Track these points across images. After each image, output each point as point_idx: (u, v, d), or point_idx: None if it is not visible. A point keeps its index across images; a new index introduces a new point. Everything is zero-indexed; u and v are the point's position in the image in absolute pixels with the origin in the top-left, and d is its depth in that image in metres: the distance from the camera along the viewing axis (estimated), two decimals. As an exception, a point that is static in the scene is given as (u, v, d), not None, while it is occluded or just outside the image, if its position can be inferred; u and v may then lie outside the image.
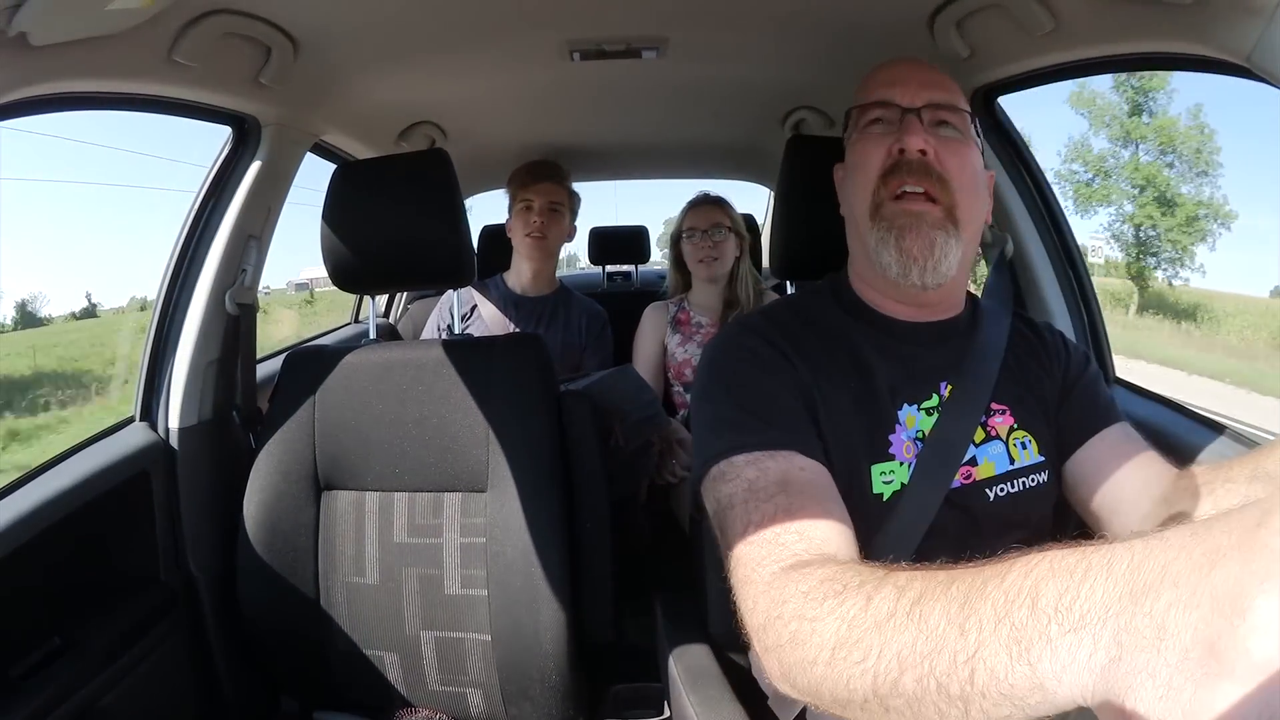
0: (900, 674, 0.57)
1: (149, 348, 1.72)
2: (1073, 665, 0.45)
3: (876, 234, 1.08)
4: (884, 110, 1.11)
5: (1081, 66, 1.45)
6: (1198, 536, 0.41)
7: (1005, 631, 0.49)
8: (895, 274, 1.07)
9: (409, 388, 1.61)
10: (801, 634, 0.68)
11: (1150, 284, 22.37)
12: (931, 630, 0.55)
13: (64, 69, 1.14)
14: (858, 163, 1.12)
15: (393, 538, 1.58)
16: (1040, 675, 0.46)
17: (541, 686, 1.51)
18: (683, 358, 2.55)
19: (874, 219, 1.08)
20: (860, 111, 1.14)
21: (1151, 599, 0.41)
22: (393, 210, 1.60)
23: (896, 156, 1.07)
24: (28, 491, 1.37)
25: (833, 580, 0.70)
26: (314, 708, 1.67)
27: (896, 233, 1.06)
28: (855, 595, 0.65)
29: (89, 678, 1.36)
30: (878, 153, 1.08)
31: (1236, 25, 1.02)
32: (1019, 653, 0.48)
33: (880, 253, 1.08)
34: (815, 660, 0.66)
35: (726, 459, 0.98)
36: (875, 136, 1.10)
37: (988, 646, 0.50)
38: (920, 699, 0.55)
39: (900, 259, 1.06)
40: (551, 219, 2.50)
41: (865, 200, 1.10)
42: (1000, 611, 0.50)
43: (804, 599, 0.71)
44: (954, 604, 0.54)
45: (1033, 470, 1.12)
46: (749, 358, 1.08)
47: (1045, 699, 0.47)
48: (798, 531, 0.85)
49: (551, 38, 1.73)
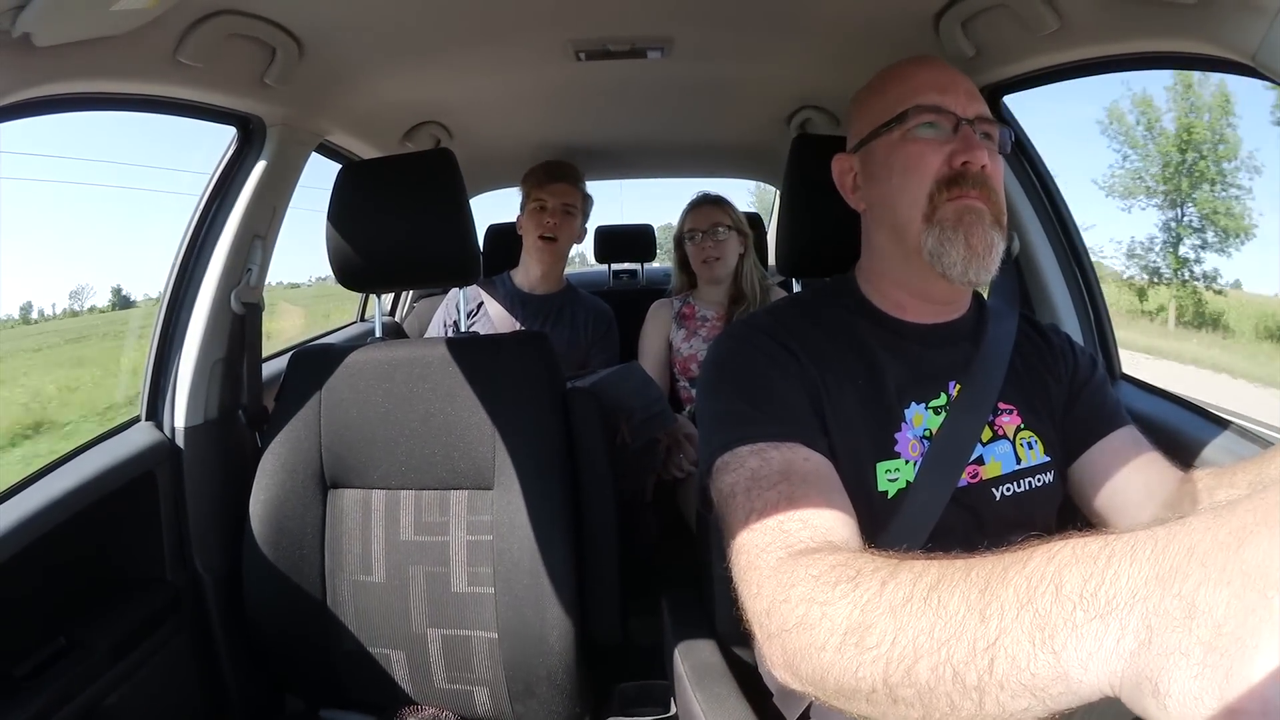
0: (915, 661, 0.56)
1: (154, 347, 1.72)
2: (1100, 652, 0.44)
3: (938, 233, 1.06)
4: (937, 116, 1.09)
5: (1087, 66, 1.45)
6: (1221, 518, 0.41)
7: (1028, 618, 0.48)
8: (958, 272, 1.06)
9: (415, 386, 1.61)
10: (810, 618, 0.67)
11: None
12: (950, 616, 0.54)
13: (68, 70, 1.14)
14: (908, 166, 1.09)
15: (399, 535, 1.58)
16: (1065, 664, 0.46)
17: (548, 684, 1.51)
18: (688, 353, 2.56)
19: (929, 221, 1.07)
20: (913, 113, 1.10)
21: (1180, 580, 0.41)
22: (398, 210, 1.60)
23: (959, 169, 1.06)
24: (33, 492, 1.37)
25: (845, 565, 0.69)
26: (320, 706, 1.67)
27: (965, 230, 1.05)
28: (869, 580, 0.64)
29: (94, 677, 1.36)
30: (934, 159, 1.07)
31: (1242, 24, 1.02)
32: (1042, 640, 0.47)
33: (945, 251, 1.06)
34: (824, 645, 0.65)
35: (730, 450, 0.98)
36: (930, 142, 1.09)
37: (1009, 634, 0.49)
38: (933, 689, 0.54)
39: (967, 254, 1.05)
40: (564, 220, 2.51)
41: (918, 205, 1.08)
42: (1023, 598, 0.49)
43: (814, 582, 0.70)
44: (974, 590, 0.54)
45: (1039, 470, 1.12)
46: (755, 354, 1.08)
47: (1068, 689, 0.46)
48: (802, 519, 0.85)
49: (556, 38, 1.74)
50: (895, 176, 1.11)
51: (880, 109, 1.14)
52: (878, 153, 1.14)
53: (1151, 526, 0.45)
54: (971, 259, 1.05)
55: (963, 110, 1.08)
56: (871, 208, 1.19)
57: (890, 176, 1.12)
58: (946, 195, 1.06)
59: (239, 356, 1.79)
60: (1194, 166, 18.11)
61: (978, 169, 1.06)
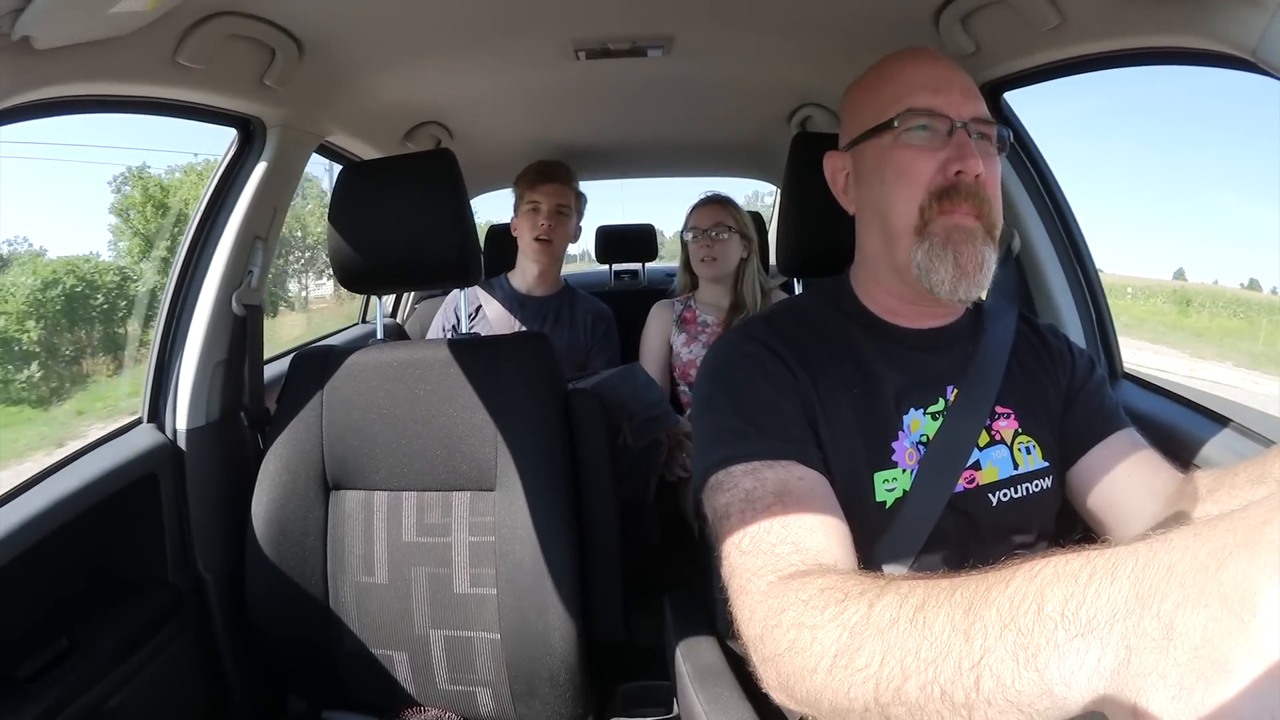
0: (903, 681, 0.56)
1: (156, 349, 1.73)
2: (1081, 670, 0.45)
3: (926, 249, 1.03)
4: (930, 119, 1.04)
5: (1087, 62, 1.44)
6: (1201, 537, 0.41)
7: (1011, 637, 0.49)
8: (945, 290, 1.03)
9: (417, 387, 1.61)
10: (801, 642, 0.68)
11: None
12: (936, 636, 0.55)
13: (68, 72, 1.14)
14: (901, 172, 1.06)
15: (401, 537, 1.58)
16: (1048, 681, 0.46)
17: (550, 685, 1.51)
18: (688, 358, 2.56)
19: (920, 235, 1.04)
20: (905, 116, 1.06)
21: (1159, 600, 0.41)
22: (399, 211, 1.60)
23: (953, 179, 1.03)
24: (36, 493, 1.38)
25: (834, 589, 0.69)
26: (323, 707, 1.68)
27: (954, 248, 1.02)
28: (857, 602, 0.65)
29: (97, 679, 1.36)
30: (927, 167, 1.04)
31: (1242, 19, 1.02)
32: (1026, 659, 0.47)
33: (933, 268, 1.03)
34: (815, 668, 0.65)
35: (725, 469, 0.98)
36: (923, 148, 1.05)
37: (993, 653, 0.50)
38: (923, 707, 0.55)
39: (955, 274, 1.02)
40: (558, 221, 2.51)
41: (910, 214, 1.05)
42: (1005, 617, 0.50)
43: (804, 607, 0.70)
44: (958, 610, 0.54)
45: (1036, 475, 1.11)
46: (750, 366, 1.07)
47: (1054, 705, 0.47)
48: (793, 542, 0.85)
49: (557, 37, 1.73)
50: (886, 183, 1.08)
51: (872, 109, 1.10)
52: (869, 155, 1.11)
53: (1134, 543, 0.45)
54: (961, 278, 1.03)
55: (957, 113, 1.04)
56: (862, 211, 1.17)
57: (881, 183, 1.09)
58: (938, 209, 1.03)
59: (240, 358, 1.79)
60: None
61: (972, 179, 1.02)
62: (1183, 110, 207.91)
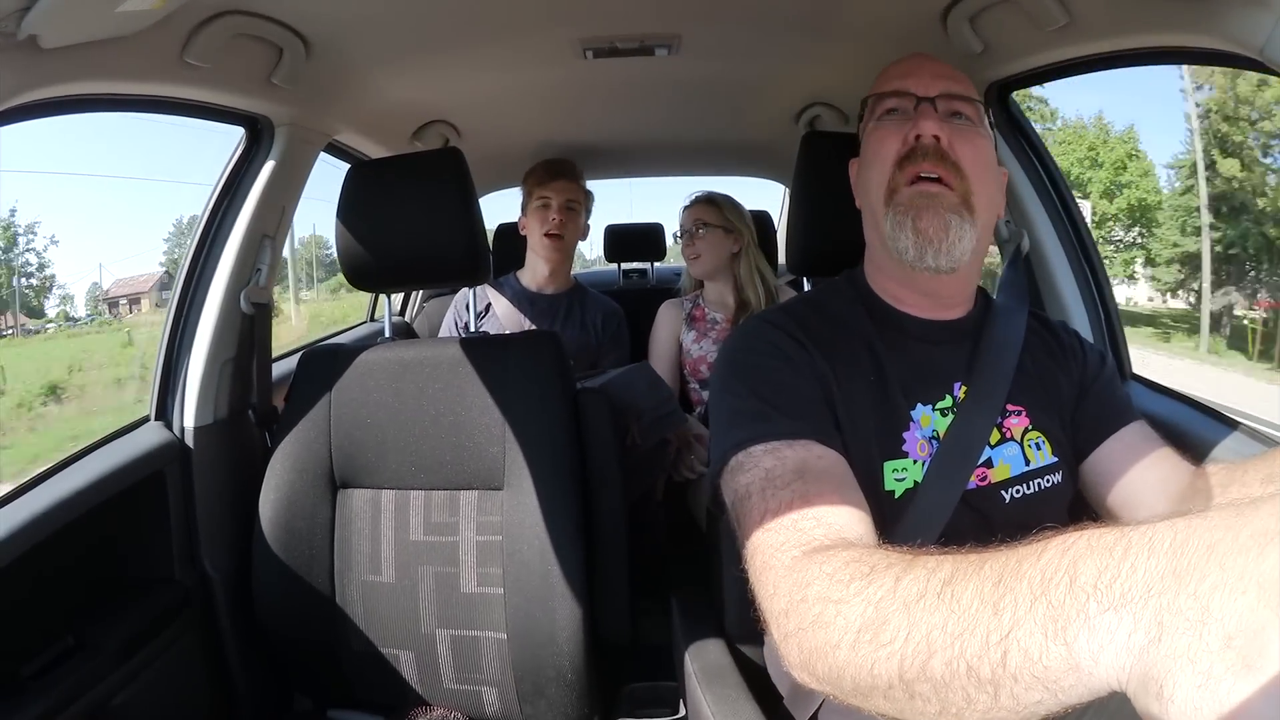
0: (929, 657, 0.55)
1: (164, 347, 1.73)
2: (1111, 645, 0.44)
3: (893, 218, 1.07)
4: (899, 100, 1.11)
5: (1095, 61, 1.44)
6: (1244, 517, 0.40)
7: (1041, 610, 0.48)
8: (911, 257, 1.06)
9: (425, 386, 1.61)
10: (825, 617, 0.67)
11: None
12: (964, 610, 0.54)
13: (75, 71, 1.14)
14: (873, 151, 1.12)
15: (409, 535, 1.58)
16: (1076, 655, 0.45)
17: (557, 685, 1.51)
18: (698, 355, 2.56)
19: (889, 204, 1.08)
20: (875, 101, 1.15)
21: (1196, 579, 0.40)
22: (407, 209, 1.60)
23: (912, 144, 1.07)
24: (42, 491, 1.38)
25: (859, 562, 0.69)
26: (328, 706, 1.68)
27: (914, 214, 1.05)
28: (883, 576, 0.64)
29: (102, 676, 1.36)
30: (893, 140, 1.09)
31: (1249, 18, 1.02)
32: (1055, 632, 0.47)
33: (897, 236, 1.07)
34: (839, 644, 0.64)
35: (744, 449, 0.98)
36: (890, 125, 1.11)
37: (1023, 626, 0.49)
38: (948, 683, 0.54)
39: (917, 240, 1.05)
40: (569, 217, 2.52)
41: (881, 187, 1.10)
42: (1037, 590, 0.49)
43: (829, 581, 0.70)
44: (987, 583, 0.53)
45: (1048, 471, 1.12)
46: (768, 350, 1.08)
47: (1080, 681, 0.46)
48: (816, 517, 0.84)
49: (565, 36, 1.73)
50: (864, 165, 1.16)
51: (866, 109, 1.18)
52: (862, 147, 1.18)
53: (1170, 518, 0.44)
54: (925, 244, 1.06)
55: (924, 90, 1.10)
56: (858, 199, 1.21)
57: (863, 166, 1.17)
58: (903, 177, 1.07)
59: (248, 356, 1.79)
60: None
61: (929, 139, 1.06)
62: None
